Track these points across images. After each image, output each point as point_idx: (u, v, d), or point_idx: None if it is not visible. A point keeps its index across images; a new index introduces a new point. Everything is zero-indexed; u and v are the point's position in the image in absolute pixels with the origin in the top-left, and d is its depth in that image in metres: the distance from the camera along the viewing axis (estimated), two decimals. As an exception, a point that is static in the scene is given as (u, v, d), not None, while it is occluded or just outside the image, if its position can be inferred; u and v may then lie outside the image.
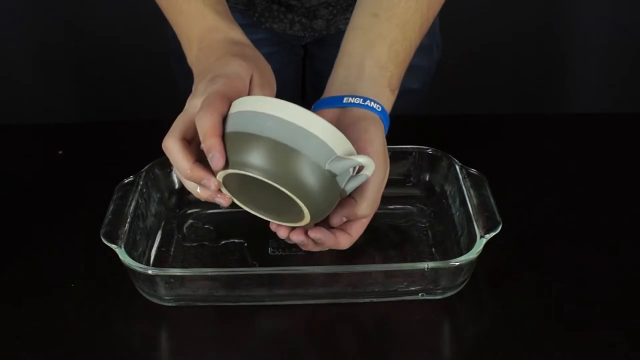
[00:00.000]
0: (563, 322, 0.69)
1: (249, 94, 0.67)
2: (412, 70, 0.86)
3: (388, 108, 0.73)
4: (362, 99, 0.71)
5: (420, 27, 0.77)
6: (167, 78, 1.15)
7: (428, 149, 0.83)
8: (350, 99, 0.71)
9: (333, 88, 0.74)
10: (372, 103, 0.71)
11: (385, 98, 0.73)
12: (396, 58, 0.75)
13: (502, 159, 0.91)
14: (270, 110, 0.59)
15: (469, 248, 0.69)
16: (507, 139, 0.97)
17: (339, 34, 1.02)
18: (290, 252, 0.75)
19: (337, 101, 0.72)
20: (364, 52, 0.74)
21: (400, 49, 0.75)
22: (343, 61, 0.75)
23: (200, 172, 0.63)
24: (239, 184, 0.63)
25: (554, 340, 0.66)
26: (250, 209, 0.67)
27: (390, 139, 0.83)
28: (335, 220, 0.68)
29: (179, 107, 1.17)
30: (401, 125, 0.98)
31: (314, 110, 0.72)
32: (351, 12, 0.80)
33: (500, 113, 1.04)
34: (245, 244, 0.77)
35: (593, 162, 0.77)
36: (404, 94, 1.07)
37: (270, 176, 0.59)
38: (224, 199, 0.65)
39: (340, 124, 0.70)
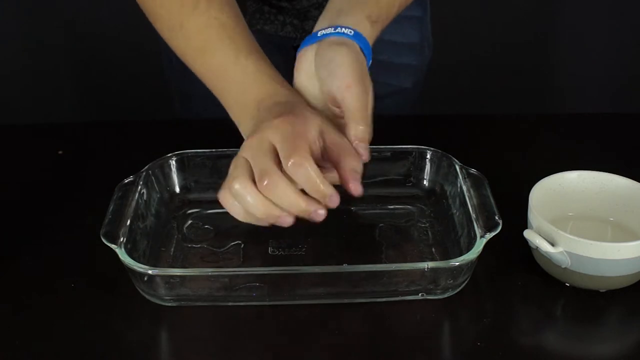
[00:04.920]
0: (564, 322, 0.69)
1: None
2: (403, 68, 0.86)
3: (368, 35, 0.73)
4: (333, 28, 0.72)
5: None
6: (166, 79, 1.15)
7: (428, 149, 0.83)
8: (323, 30, 0.72)
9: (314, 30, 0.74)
10: (343, 29, 0.71)
11: (362, 26, 0.72)
12: (377, 1, 0.75)
13: (502, 159, 0.91)
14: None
15: (469, 248, 0.69)
16: (507, 139, 0.97)
17: None
18: (290, 252, 0.75)
19: (313, 37, 0.73)
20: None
21: None
22: (324, 11, 0.76)
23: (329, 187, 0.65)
24: None
25: (554, 340, 0.66)
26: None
27: (391, 139, 0.83)
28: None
29: (178, 107, 1.17)
30: (401, 125, 0.98)
31: (297, 52, 0.74)
32: None
33: (500, 113, 1.04)
34: (245, 244, 0.77)
35: (593, 162, 0.77)
36: (396, 92, 1.08)
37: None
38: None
39: (317, 57, 0.71)
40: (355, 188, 0.67)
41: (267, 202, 0.64)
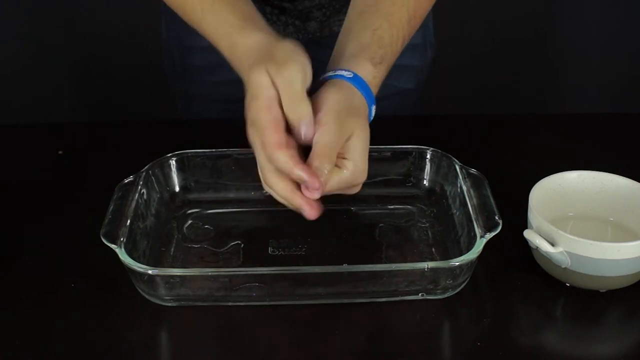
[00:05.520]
0: (564, 322, 0.69)
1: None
2: (405, 69, 0.86)
3: (368, 78, 0.73)
4: (333, 71, 0.72)
5: (408, 22, 0.77)
6: (166, 79, 1.15)
7: (428, 149, 0.83)
8: (326, 75, 0.72)
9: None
10: (341, 71, 0.71)
11: (363, 69, 0.72)
12: (380, 41, 0.75)
13: (502, 159, 0.91)
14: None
15: (469, 248, 0.69)
16: (507, 139, 0.97)
17: (333, 36, 1.02)
18: (290, 252, 0.75)
19: (316, 84, 0.72)
20: (348, 40, 0.75)
21: (385, 35, 0.75)
22: (332, 55, 0.76)
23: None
24: None
25: (554, 340, 0.66)
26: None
27: (391, 139, 0.83)
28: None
29: (179, 107, 1.17)
30: (401, 125, 0.99)
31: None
32: (344, 13, 0.80)
33: (500, 113, 1.04)
34: (245, 244, 0.77)
35: (593, 162, 0.77)
36: (398, 93, 1.08)
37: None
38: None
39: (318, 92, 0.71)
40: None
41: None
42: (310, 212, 0.68)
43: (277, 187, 0.68)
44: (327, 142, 0.67)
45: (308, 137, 0.67)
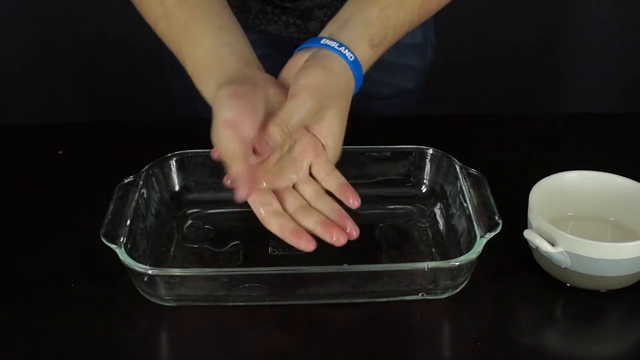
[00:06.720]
0: (564, 322, 0.69)
1: None
2: (406, 70, 0.86)
3: (363, 61, 0.71)
4: (337, 44, 0.70)
5: (419, 7, 0.76)
6: (167, 79, 1.15)
7: (428, 149, 0.83)
8: (327, 40, 0.71)
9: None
10: (347, 51, 0.70)
11: (361, 50, 0.71)
12: (386, 21, 0.73)
13: (502, 159, 0.91)
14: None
15: (469, 248, 0.69)
16: (507, 139, 0.97)
17: None
18: (290, 252, 0.75)
19: (316, 41, 0.71)
20: (354, 10, 0.74)
21: (392, 15, 0.73)
22: (333, 19, 0.75)
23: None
24: None
25: (554, 340, 0.66)
26: None
27: (391, 139, 0.83)
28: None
29: (178, 107, 1.17)
30: (401, 125, 0.98)
31: (296, 50, 0.73)
32: None
33: (500, 113, 1.04)
34: (245, 244, 0.77)
35: (593, 162, 0.77)
36: (399, 93, 1.08)
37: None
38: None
39: (308, 61, 0.69)
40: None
41: None
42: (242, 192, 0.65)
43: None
44: (292, 111, 0.65)
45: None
